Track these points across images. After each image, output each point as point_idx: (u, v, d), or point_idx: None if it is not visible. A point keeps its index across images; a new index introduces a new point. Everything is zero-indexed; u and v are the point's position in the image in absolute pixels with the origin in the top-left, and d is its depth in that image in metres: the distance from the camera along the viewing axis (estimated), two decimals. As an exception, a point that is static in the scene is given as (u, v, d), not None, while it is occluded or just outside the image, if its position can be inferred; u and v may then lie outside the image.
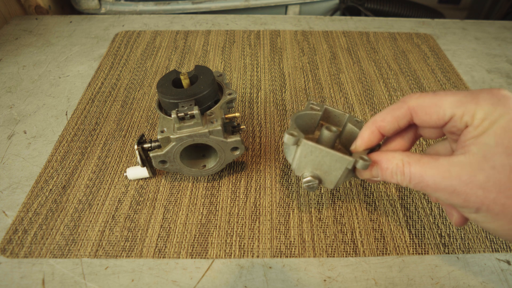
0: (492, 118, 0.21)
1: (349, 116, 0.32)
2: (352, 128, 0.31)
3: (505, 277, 0.30)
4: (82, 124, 0.44)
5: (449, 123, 0.23)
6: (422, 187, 0.24)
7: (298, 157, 0.28)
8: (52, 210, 0.35)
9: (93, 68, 0.53)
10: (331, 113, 0.33)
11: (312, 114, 0.32)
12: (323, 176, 0.28)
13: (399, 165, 0.24)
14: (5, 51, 0.57)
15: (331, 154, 0.27)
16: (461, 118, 0.22)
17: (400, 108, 0.25)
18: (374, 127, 0.27)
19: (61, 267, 0.31)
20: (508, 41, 0.62)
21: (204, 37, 0.60)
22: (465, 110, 0.22)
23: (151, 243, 0.32)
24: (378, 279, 0.30)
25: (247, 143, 0.42)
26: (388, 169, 0.25)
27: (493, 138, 0.21)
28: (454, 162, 0.22)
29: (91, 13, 0.73)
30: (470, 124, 0.22)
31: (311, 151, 0.27)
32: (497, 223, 0.22)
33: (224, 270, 0.31)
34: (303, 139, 0.27)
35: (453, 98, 0.23)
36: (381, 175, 0.26)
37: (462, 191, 0.22)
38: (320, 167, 0.28)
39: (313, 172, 0.28)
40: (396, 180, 0.25)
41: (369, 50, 0.58)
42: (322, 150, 0.27)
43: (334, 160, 0.27)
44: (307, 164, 0.28)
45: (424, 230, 0.34)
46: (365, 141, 0.27)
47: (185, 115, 0.30)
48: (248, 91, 0.49)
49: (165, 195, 0.36)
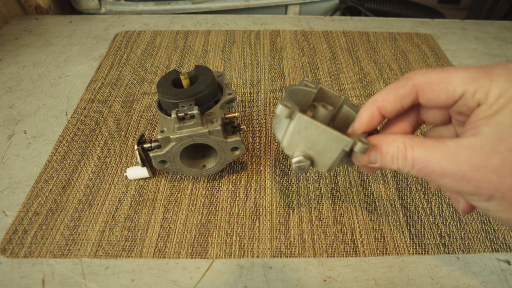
0: (509, 94, 0.19)
1: (345, 99, 0.29)
2: (348, 111, 0.29)
3: (505, 277, 0.30)
4: (82, 124, 0.44)
5: (459, 102, 0.21)
6: (426, 173, 0.21)
7: (290, 133, 0.25)
8: (52, 210, 0.35)
9: (93, 68, 0.53)
10: (326, 94, 0.30)
11: (306, 91, 0.29)
12: (316, 157, 0.26)
13: (401, 149, 0.22)
14: (5, 51, 0.57)
15: (327, 132, 0.24)
16: (473, 96, 0.20)
17: (405, 86, 0.23)
18: (374, 108, 0.24)
19: (61, 267, 0.31)
20: (508, 41, 0.62)
21: (204, 37, 0.60)
22: (478, 86, 0.20)
23: (151, 243, 0.32)
24: (378, 279, 0.30)
25: (247, 143, 0.42)
26: (388, 153, 0.23)
27: (509, 117, 0.19)
28: (464, 145, 0.20)
29: (91, 13, 0.73)
30: (483, 102, 0.20)
31: (306, 126, 0.24)
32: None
33: (224, 270, 0.31)
34: (297, 112, 0.24)
35: (464, 73, 0.20)
36: (380, 161, 0.23)
37: (473, 176, 0.19)
38: (314, 147, 0.25)
39: (305, 152, 0.26)
40: (397, 165, 0.22)
41: (369, 50, 0.58)
42: (318, 126, 0.24)
43: (331, 139, 0.24)
44: (300, 142, 0.25)
45: (424, 230, 0.34)
46: (364, 123, 0.25)
47: (185, 115, 0.30)
48: (248, 91, 0.49)
49: (165, 195, 0.36)
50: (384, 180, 0.38)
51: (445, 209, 0.35)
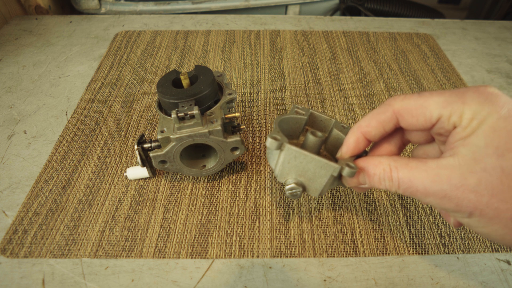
0: (480, 117, 0.20)
1: (335, 122, 0.31)
2: (338, 134, 0.30)
3: (505, 277, 0.30)
4: (82, 124, 0.44)
5: (437, 125, 0.22)
6: (411, 193, 0.23)
7: (281, 163, 0.27)
8: (52, 210, 0.35)
9: (93, 68, 0.53)
10: (316, 118, 0.31)
11: (297, 118, 0.31)
12: (307, 183, 0.27)
13: (387, 170, 0.23)
14: (5, 51, 0.57)
15: (315, 160, 0.25)
16: (448, 119, 0.22)
17: (385, 112, 0.24)
18: (359, 133, 0.25)
19: (61, 267, 0.31)
20: (508, 41, 0.62)
21: (204, 37, 0.60)
22: (452, 110, 0.21)
23: (151, 243, 0.32)
24: (378, 279, 0.30)
25: (247, 143, 0.42)
26: (375, 175, 0.24)
27: (482, 138, 0.20)
28: (443, 165, 0.21)
29: (91, 13, 0.73)
30: (458, 124, 0.21)
31: (295, 156, 0.26)
32: (491, 228, 0.21)
33: (224, 270, 0.31)
34: (286, 144, 0.25)
35: (439, 98, 0.22)
36: (368, 182, 0.25)
37: (453, 195, 0.21)
38: (304, 174, 0.27)
39: (296, 179, 0.27)
40: (384, 186, 0.24)
41: (369, 50, 0.58)
42: (306, 155, 0.25)
43: (319, 167, 0.26)
44: (291, 170, 0.27)
45: (424, 230, 0.34)
46: (350, 147, 0.26)
47: (185, 115, 0.30)
48: (248, 91, 0.49)
49: (165, 195, 0.36)
50: (384, 180, 0.38)
51: (445, 209, 0.35)
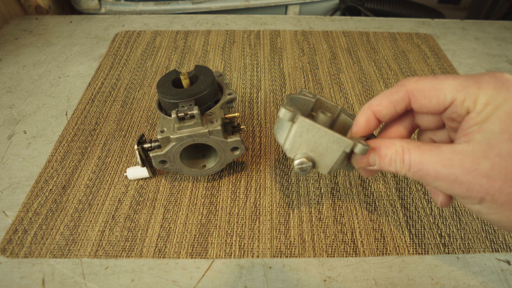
0: (496, 103, 0.20)
1: (341, 108, 0.30)
2: (345, 119, 0.29)
3: (505, 277, 0.30)
4: (82, 124, 0.44)
5: (449, 109, 0.22)
6: (421, 176, 0.22)
7: (292, 136, 0.26)
8: (52, 210, 0.35)
9: (93, 68, 0.53)
10: (323, 104, 0.31)
11: (305, 100, 0.30)
12: (318, 159, 0.26)
13: (399, 152, 0.23)
14: (5, 51, 0.57)
15: (329, 134, 0.25)
16: (462, 103, 0.21)
17: (398, 92, 0.24)
18: (369, 112, 0.25)
19: (61, 267, 0.31)
20: (508, 41, 0.62)
21: (204, 37, 0.60)
22: (467, 94, 0.21)
23: (151, 243, 0.32)
24: (378, 279, 0.30)
25: (247, 143, 0.42)
26: (387, 156, 0.24)
27: (497, 124, 0.20)
28: (457, 150, 0.21)
29: (91, 13, 0.73)
30: (472, 109, 0.21)
31: (308, 129, 0.25)
32: (502, 214, 0.21)
33: (224, 270, 0.31)
34: (299, 116, 0.25)
35: (454, 81, 0.22)
36: (378, 163, 0.24)
37: (465, 180, 0.21)
38: (316, 149, 0.26)
39: (306, 154, 0.26)
40: (394, 168, 0.23)
41: (369, 50, 0.58)
42: (320, 129, 0.25)
43: (332, 141, 0.25)
44: (302, 145, 0.26)
45: (424, 230, 0.34)
46: (361, 127, 0.26)
47: (185, 115, 0.30)
48: (248, 91, 0.49)
49: (165, 195, 0.36)
50: (384, 180, 0.38)
51: (445, 209, 0.35)
